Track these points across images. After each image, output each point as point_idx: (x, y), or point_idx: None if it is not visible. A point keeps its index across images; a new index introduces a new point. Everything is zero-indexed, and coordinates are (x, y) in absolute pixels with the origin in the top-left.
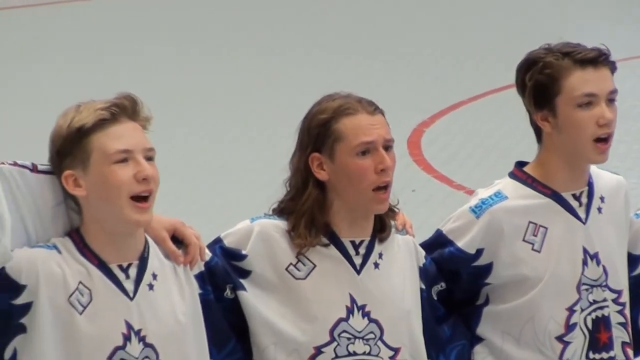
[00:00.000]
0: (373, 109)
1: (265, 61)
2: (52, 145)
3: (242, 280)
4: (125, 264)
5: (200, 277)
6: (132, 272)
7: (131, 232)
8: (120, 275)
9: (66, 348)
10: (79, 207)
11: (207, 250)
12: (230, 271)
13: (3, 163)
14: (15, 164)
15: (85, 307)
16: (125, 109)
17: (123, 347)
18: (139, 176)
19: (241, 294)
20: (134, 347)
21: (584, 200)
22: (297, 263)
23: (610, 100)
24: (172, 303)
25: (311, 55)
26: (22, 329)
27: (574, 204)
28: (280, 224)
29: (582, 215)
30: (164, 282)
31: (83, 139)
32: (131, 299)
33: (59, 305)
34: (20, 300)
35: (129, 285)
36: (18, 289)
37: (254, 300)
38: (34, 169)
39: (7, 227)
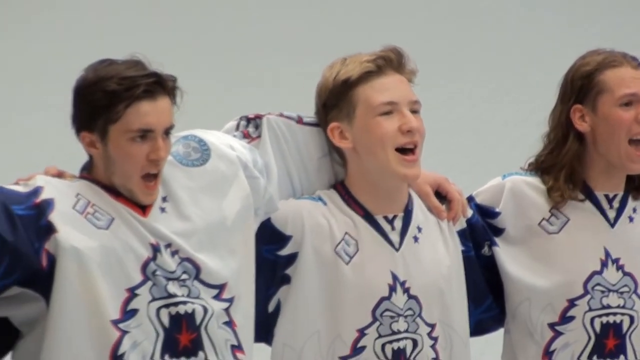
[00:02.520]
0: (637, 63)
1: None
2: (318, 98)
3: (495, 238)
4: (390, 216)
5: (461, 234)
6: (398, 224)
7: (398, 185)
8: (386, 227)
9: (331, 299)
10: (344, 159)
11: (468, 207)
12: (486, 228)
13: (270, 114)
14: (281, 115)
15: (351, 258)
16: (390, 62)
17: (388, 298)
18: (404, 128)
19: (495, 250)
20: (399, 298)
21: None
22: (550, 217)
23: None
24: (436, 256)
25: None
26: (287, 280)
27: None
28: (532, 179)
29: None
30: (428, 235)
31: (348, 92)
32: (397, 250)
33: (325, 255)
34: (285, 251)
35: (394, 237)
36: (283, 239)
37: (507, 257)
38: (299, 120)
39: (273, 177)
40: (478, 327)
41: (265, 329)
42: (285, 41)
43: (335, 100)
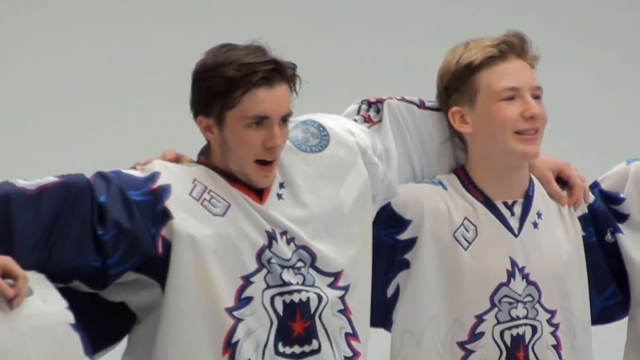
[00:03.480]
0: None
1: None
2: (439, 81)
3: (619, 225)
4: (510, 201)
5: (583, 219)
6: (517, 209)
7: (518, 168)
8: (506, 212)
9: (449, 284)
10: (465, 144)
11: (590, 193)
12: (609, 214)
13: (391, 98)
14: (403, 99)
15: (470, 243)
16: (513, 47)
17: (507, 284)
18: (526, 114)
19: (619, 237)
20: (518, 284)
21: None
22: None
23: None
24: (556, 242)
25: None
26: (406, 265)
27: None
28: None
29: None
30: (548, 221)
31: (470, 76)
32: (516, 236)
33: (444, 240)
34: (405, 236)
35: (514, 223)
36: (403, 224)
37: (632, 243)
38: (421, 105)
39: (393, 162)
40: (602, 315)
41: (384, 314)
42: (407, 26)
43: (457, 84)
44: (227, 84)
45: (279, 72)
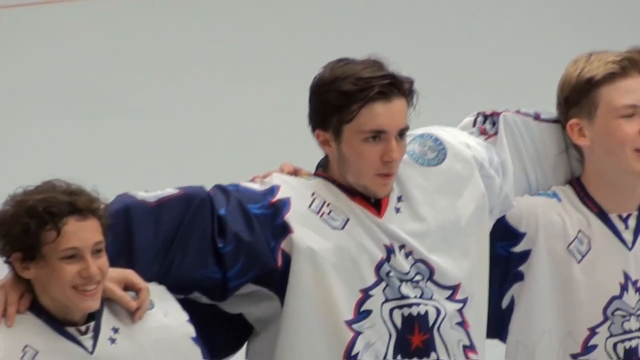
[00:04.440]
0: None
1: None
2: (560, 92)
3: None
4: (624, 214)
5: None
6: (632, 222)
7: (634, 183)
8: (620, 225)
9: (562, 297)
10: (582, 156)
11: None
12: None
13: (507, 111)
14: (518, 112)
15: (583, 256)
16: (636, 64)
17: (620, 297)
18: None
19: None
20: (631, 297)
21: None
22: None
23: None
24: None
25: None
26: (520, 277)
27: None
28: None
29: None
30: None
31: (591, 91)
32: (630, 249)
33: (558, 253)
34: (519, 248)
35: (627, 236)
36: (517, 236)
37: None
38: (537, 117)
39: (509, 174)
40: None
41: (499, 326)
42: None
43: (577, 97)
44: (344, 98)
45: (396, 87)
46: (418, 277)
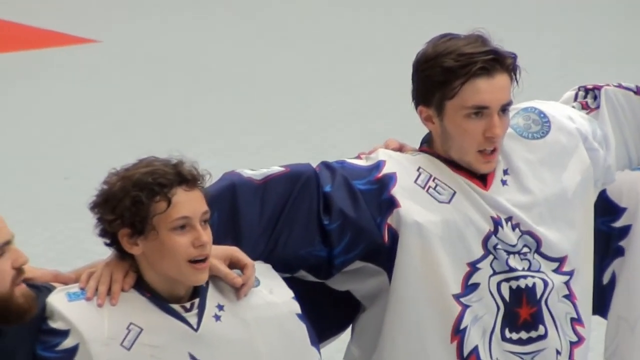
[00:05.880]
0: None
1: None
2: None
3: None
4: None
5: None
6: None
7: None
8: None
9: None
10: None
11: None
12: None
13: (608, 85)
14: (619, 86)
15: None
16: None
17: None
18: None
19: None
20: None
21: None
22: None
23: None
24: None
25: None
26: (621, 252)
27: None
28: None
29: None
30: None
31: None
32: None
33: None
34: (620, 223)
35: None
36: (618, 211)
37: None
38: (638, 91)
39: (611, 147)
40: None
41: (600, 302)
42: None
43: None
44: (446, 74)
45: (499, 62)
46: (525, 250)
